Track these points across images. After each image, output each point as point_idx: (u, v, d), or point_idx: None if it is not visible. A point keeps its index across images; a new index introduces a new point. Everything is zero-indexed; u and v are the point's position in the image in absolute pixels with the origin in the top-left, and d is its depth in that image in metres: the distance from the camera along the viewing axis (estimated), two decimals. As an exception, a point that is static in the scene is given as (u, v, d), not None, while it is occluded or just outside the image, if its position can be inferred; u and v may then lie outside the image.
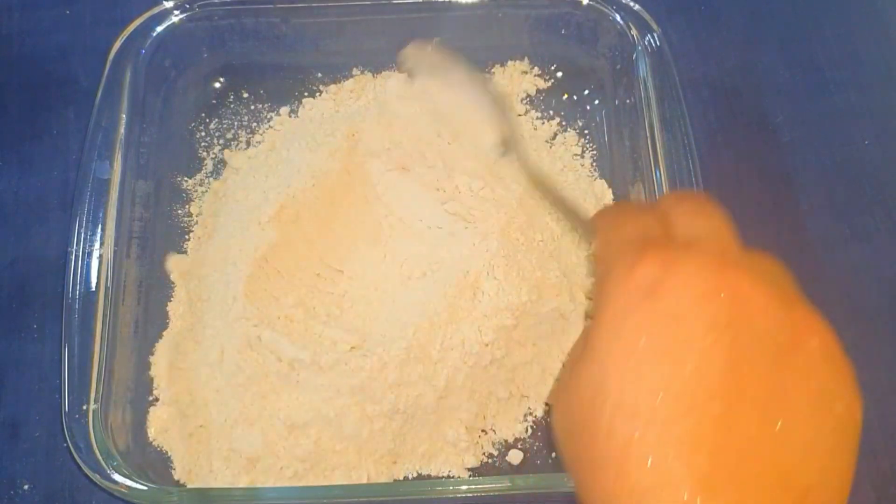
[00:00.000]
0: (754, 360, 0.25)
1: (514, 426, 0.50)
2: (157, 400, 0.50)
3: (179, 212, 0.57)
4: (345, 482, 0.47)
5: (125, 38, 0.56)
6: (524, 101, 0.61)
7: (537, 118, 0.61)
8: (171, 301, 0.53)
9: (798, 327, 0.26)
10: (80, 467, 0.45)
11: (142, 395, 0.50)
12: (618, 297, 0.27)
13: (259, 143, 0.59)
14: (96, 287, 0.49)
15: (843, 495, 0.25)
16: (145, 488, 0.44)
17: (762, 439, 0.25)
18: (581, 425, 0.26)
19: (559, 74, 0.62)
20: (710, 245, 0.29)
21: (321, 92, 0.61)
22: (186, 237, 0.56)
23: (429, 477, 0.48)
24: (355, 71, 0.61)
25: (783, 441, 0.25)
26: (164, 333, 0.52)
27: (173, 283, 0.54)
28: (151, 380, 0.51)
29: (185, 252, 0.55)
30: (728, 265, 0.27)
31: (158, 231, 0.55)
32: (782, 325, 0.26)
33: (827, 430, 0.25)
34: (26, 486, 0.49)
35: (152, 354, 0.52)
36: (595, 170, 0.59)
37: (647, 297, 0.26)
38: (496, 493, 0.45)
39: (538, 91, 0.62)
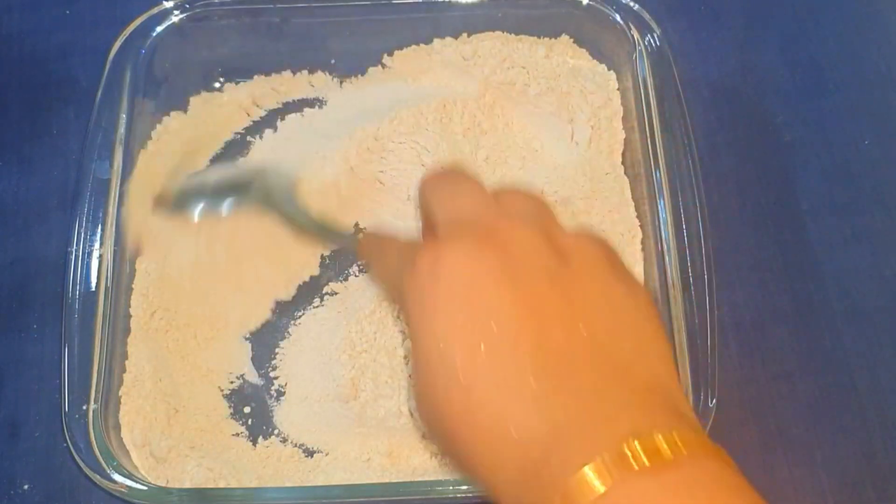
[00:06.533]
0: (534, 285, 0.28)
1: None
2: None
3: (179, 212, 0.57)
4: (345, 482, 0.47)
5: (125, 38, 0.56)
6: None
7: (537, 118, 0.61)
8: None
9: (563, 251, 0.30)
10: (80, 467, 0.45)
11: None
12: (411, 291, 0.30)
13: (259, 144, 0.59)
14: (96, 287, 0.49)
15: (672, 370, 0.29)
16: (145, 488, 0.44)
17: (576, 341, 0.28)
18: (432, 403, 0.29)
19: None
20: (465, 212, 0.32)
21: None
22: (186, 237, 0.56)
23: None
24: (356, 71, 0.61)
25: (597, 340, 0.28)
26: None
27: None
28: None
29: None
30: (487, 221, 0.31)
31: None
32: (548, 252, 0.30)
33: (631, 316, 0.29)
34: (26, 486, 0.49)
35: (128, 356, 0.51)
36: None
37: (431, 278, 0.29)
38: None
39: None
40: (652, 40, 0.56)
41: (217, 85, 0.61)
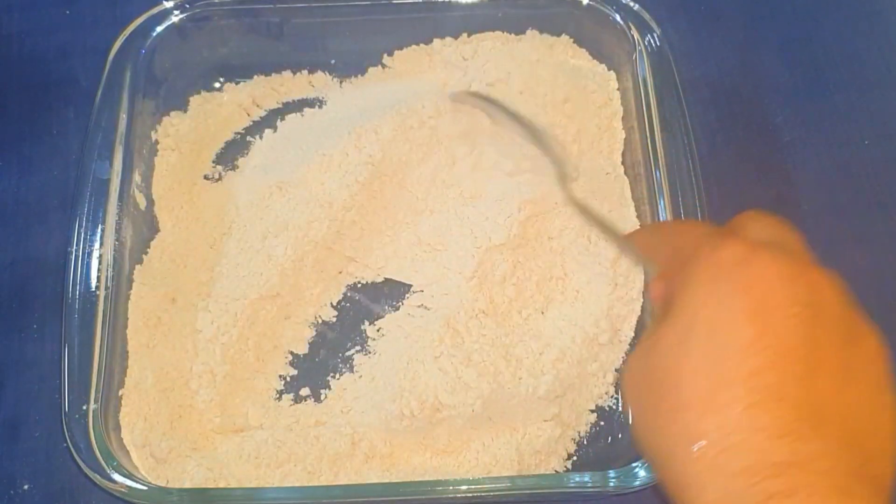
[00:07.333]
0: (829, 337, 0.28)
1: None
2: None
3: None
4: (348, 482, 0.47)
5: (125, 38, 0.56)
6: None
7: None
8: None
9: (858, 325, 0.30)
10: (80, 467, 0.45)
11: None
12: (705, 269, 0.30)
13: (259, 144, 0.59)
14: (96, 287, 0.49)
15: (892, 473, 0.28)
16: (145, 488, 0.44)
17: (836, 404, 0.27)
18: (664, 372, 0.29)
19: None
20: (788, 247, 0.32)
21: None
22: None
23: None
24: (356, 71, 0.61)
25: (853, 410, 0.28)
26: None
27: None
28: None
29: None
30: (805, 262, 0.30)
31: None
32: (847, 319, 0.30)
33: (885, 413, 0.29)
34: (26, 486, 0.49)
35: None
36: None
37: (736, 269, 0.29)
38: (496, 493, 0.45)
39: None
40: (652, 40, 0.56)
41: (217, 85, 0.61)
